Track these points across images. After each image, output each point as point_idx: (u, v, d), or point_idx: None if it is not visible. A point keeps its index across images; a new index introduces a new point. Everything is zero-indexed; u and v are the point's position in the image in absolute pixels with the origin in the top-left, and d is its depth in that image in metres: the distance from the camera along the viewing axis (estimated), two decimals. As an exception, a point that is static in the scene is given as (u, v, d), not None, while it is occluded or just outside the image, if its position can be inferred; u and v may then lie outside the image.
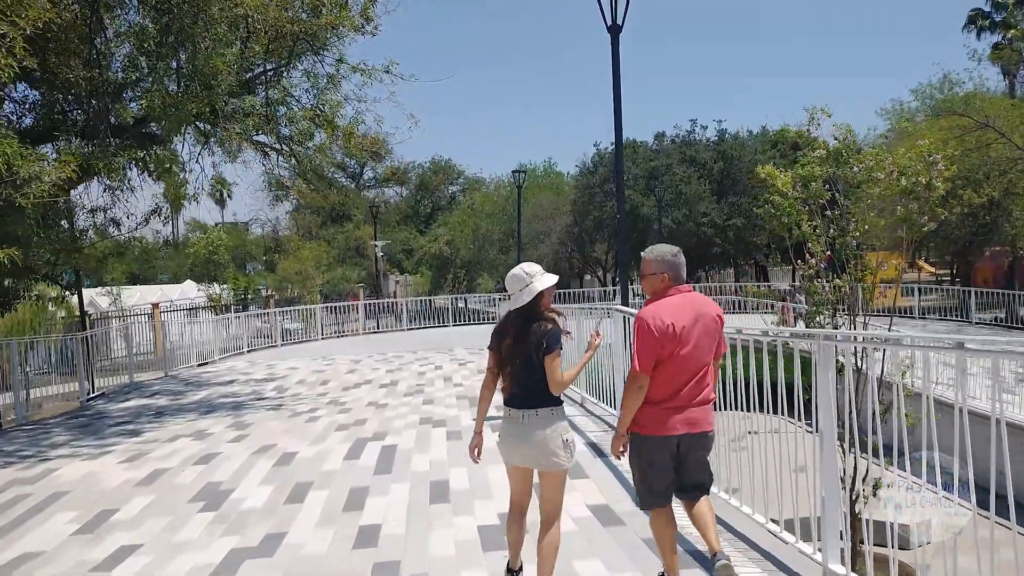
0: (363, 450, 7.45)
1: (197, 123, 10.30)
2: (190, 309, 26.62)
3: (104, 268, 17.48)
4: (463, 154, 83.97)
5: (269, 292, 36.91)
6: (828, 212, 10.31)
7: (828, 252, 10.36)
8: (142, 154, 9.75)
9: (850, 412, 4.22)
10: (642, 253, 3.70)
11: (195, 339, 18.40)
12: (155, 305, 24.46)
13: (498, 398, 3.72)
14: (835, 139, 11.28)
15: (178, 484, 6.54)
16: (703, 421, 3.51)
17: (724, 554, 3.46)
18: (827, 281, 9.99)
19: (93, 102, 9.65)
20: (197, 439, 8.51)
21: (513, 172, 21.15)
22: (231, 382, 14.22)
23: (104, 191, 11.20)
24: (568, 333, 3.68)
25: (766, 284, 32.57)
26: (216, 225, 53.98)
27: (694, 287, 4.04)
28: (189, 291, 36.85)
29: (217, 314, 24.20)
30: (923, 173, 9.87)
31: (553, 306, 3.65)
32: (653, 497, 3.61)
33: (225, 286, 35.39)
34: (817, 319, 9.88)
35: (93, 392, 13.40)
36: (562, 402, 3.61)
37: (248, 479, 6.55)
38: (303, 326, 24.51)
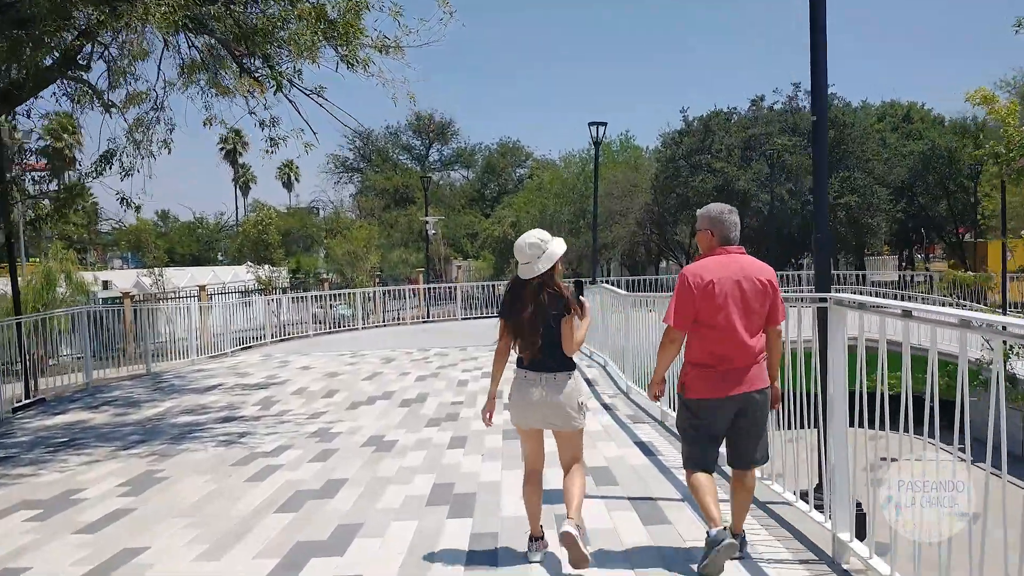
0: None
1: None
2: (241, 292, 24.10)
3: (45, 229, 14.30)
4: (533, 137, 79.33)
5: (325, 275, 34.41)
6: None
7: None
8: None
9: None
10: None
11: (197, 328, 15.17)
12: (202, 287, 21.93)
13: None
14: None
15: None
16: (756, 379, 3.41)
17: (743, 537, 3.50)
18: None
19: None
20: (32, 521, 4.80)
21: (589, 125, 16.89)
22: (214, 388, 10.75)
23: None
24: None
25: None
26: (287, 208, 51.96)
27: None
28: (243, 273, 34.66)
29: (266, 295, 21.45)
30: None
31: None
32: (696, 461, 3.51)
33: (277, 268, 33.01)
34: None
35: (36, 393, 10.14)
36: (575, 365, 3.68)
37: None
38: (350, 312, 21.57)
